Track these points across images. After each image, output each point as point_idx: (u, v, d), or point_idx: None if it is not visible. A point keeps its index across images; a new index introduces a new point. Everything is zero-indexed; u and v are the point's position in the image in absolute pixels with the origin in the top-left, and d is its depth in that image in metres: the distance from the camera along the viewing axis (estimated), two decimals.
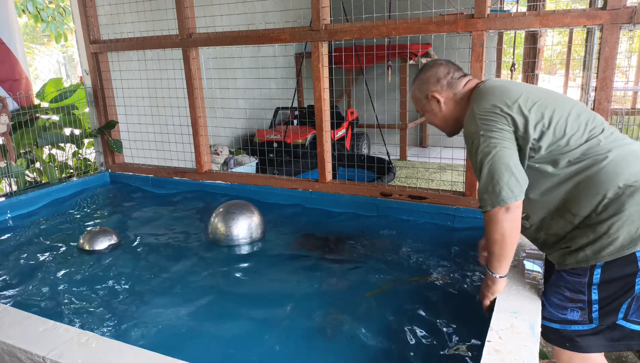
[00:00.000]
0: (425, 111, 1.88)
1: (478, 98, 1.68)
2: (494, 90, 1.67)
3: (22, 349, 1.56)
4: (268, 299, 2.22)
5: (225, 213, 2.80)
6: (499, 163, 1.53)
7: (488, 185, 1.55)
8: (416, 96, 1.87)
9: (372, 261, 2.53)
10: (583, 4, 7.75)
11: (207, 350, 1.84)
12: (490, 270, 1.67)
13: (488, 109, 1.60)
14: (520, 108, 1.57)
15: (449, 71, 1.80)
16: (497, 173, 1.53)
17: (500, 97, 1.62)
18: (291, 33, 3.07)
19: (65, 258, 2.70)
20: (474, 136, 1.61)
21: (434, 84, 1.80)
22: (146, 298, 2.24)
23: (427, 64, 1.87)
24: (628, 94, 6.26)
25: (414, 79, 1.88)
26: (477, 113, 1.62)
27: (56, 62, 14.61)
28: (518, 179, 1.53)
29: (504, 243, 1.58)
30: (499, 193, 1.53)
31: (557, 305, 1.63)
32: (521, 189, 1.54)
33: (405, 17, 2.73)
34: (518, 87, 1.66)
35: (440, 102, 1.80)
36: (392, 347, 1.82)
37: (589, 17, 2.29)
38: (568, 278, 1.60)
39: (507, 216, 1.54)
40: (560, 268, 1.64)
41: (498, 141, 1.55)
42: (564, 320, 1.62)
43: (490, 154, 1.55)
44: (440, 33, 2.64)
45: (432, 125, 1.94)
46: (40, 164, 4.06)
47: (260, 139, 5.78)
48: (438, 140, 7.06)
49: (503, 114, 1.57)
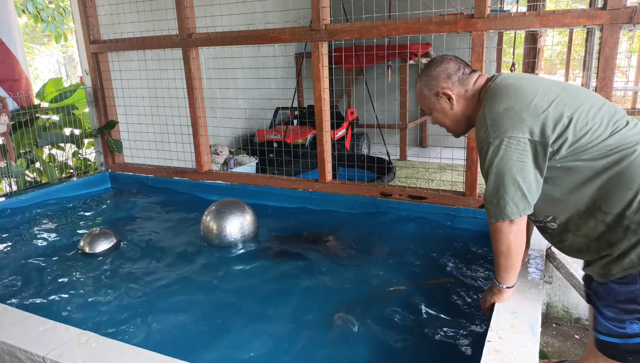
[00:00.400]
0: (433, 110, 1.75)
1: (490, 99, 1.57)
2: (507, 90, 1.56)
3: (22, 349, 1.56)
4: (267, 298, 2.22)
5: (217, 212, 2.79)
6: (506, 176, 1.47)
7: (493, 197, 1.51)
8: (424, 93, 1.74)
9: (371, 261, 2.53)
10: (583, 4, 7.75)
11: (206, 351, 1.84)
12: (498, 281, 1.65)
13: (500, 113, 1.50)
14: (536, 110, 1.47)
15: (459, 66, 1.69)
16: (502, 186, 1.48)
17: (514, 98, 1.52)
18: (291, 33, 3.07)
19: (65, 258, 2.70)
20: (483, 143, 1.53)
21: (445, 80, 1.68)
22: (145, 298, 2.24)
23: (434, 59, 1.74)
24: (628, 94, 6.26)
25: (420, 75, 1.76)
26: (488, 117, 1.53)
27: (56, 62, 14.61)
28: (525, 193, 1.47)
29: (509, 254, 1.56)
30: (504, 208, 1.48)
31: (613, 319, 1.51)
32: (527, 205, 1.48)
33: (405, 17, 2.73)
34: (533, 85, 1.55)
35: (452, 99, 1.68)
36: (391, 347, 1.82)
37: (589, 17, 2.28)
38: (618, 289, 1.48)
39: (512, 228, 1.51)
40: (606, 280, 1.50)
41: (507, 152, 1.46)
42: (624, 334, 1.49)
43: (498, 166, 1.48)
44: (440, 33, 2.64)
45: (439, 125, 1.81)
46: (40, 164, 4.06)
47: (260, 139, 5.78)
48: (438, 140, 7.09)
49: (516, 119, 1.47)
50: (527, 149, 1.46)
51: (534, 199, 1.49)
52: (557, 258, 2.35)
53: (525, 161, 1.46)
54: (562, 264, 2.33)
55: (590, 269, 1.57)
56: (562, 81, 1.70)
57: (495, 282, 1.67)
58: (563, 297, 2.60)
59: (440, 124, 1.80)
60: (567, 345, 2.42)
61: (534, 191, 1.49)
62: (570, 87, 1.58)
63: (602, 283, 1.52)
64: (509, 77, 1.62)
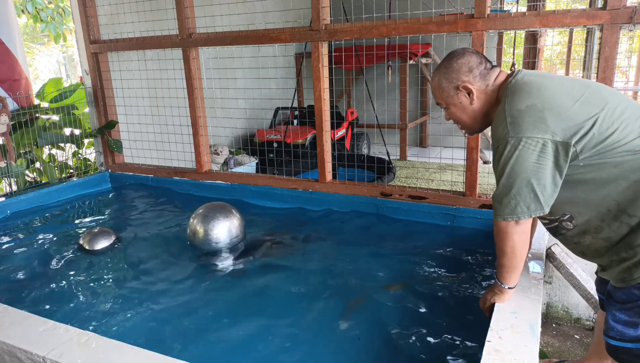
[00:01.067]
0: (450, 104, 1.67)
1: (511, 95, 1.51)
2: (529, 87, 1.50)
3: (22, 349, 1.56)
4: (266, 298, 2.22)
5: (203, 217, 2.63)
6: (520, 176, 1.43)
7: (504, 197, 1.48)
8: (442, 86, 1.65)
9: (371, 261, 2.53)
10: (583, 4, 7.75)
11: (207, 351, 1.84)
12: (500, 281, 1.64)
13: (521, 111, 1.45)
14: (559, 109, 1.42)
15: (481, 60, 1.63)
16: (515, 186, 1.44)
17: (536, 96, 1.46)
18: (291, 33, 3.07)
19: (64, 258, 2.70)
20: (501, 140, 1.48)
21: (466, 73, 1.61)
22: (145, 297, 2.24)
23: (455, 51, 1.67)
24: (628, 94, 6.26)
25: (439, 66, 1.68)
26: (508, 114, 1.47)
27: (56, 62, 14.61)
28: (538, 195, 1.43)
29: (513, 255, 1.55)
30: (514, 208, 1.46)
31: (626, 322, 1.48)
32: (539, 206, 1.45)
33: (405, 17, 2.73)
34: (556, 83, 1.50)
35: (473, 94, 1.62)
36: (391, 347, 1.82)
37: (589, 17, 2.28)
38: (638, 293, 1.44)
39: (518, 228, 1.49)
40: (626, 284, 1.46)
41: (525, 152, 1.42)
42: (636, 338, 1.46)
43: (513, 166, 1.44)
44: (440, 33, 2.64)
45: (454, 120, 1.73)
46: (40, 164, 4.06)
47: (260, 139, 5.77)
48: (438, 140, 7.09)
49: (537, 119, 1.42)
50: (547, 150, 1.41)
51: (547, 201, 1.45)
52: (557, 258, 2.35)
53: (542, 162, 1.42)
54: (562, 264, 2.33)
55: (608, 273, 1.54)
56: (586, 80, 1.63)
57: (497, 282, 1.66)
58: (563, 297, 2.60)
59: (455, 120, 1.72)
60: (567, 345, 2.42)
61: (548, 193, 1.44)
62: (594, 85, 1.54)
63: (621, 287, 1.49)
64: (530, 74, 1.57)
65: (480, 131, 1.75)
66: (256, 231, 2.99)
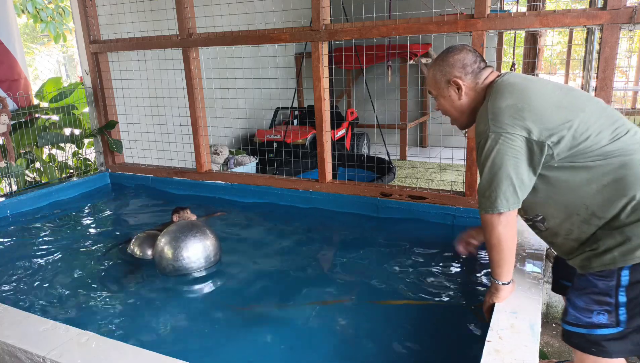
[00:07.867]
0: (440, 96, 1.76)
1: (494, 94, 1.60)
2: (512, 88, 1.58)
3: (22, 349, 1.56)
4: (267, 298, 2.22)
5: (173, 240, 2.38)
6: (500, 170, 1.50)
7: (486, 190, 1.55)
8: (435, 77, 1.73)
9: (370, 261, 2.53)
10: (583, 4, 7.75)
11: (206, 351, 1.84)
12: (493, 278, 1.67)
13: (502, 109, 1.53)
14: (538, 111, 1.50)
15: (475, 59, 1.70)
16: (496, 180, 1.51)
17: (517, 97, 1.54)
18: (291, 33, 3.07)
19: (64, 258, 2.70)
20: (482, 135, 1.55)
21: (459, 69, 1.69)
22: (144, 297, 2.24)
23: (454, 46, 1.74)
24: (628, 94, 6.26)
25: (436, 59, 1.75)
26: (490, 111, 1.55)
27: (56, 62, 14.61)
28: (516, 189, 1.51)
29: (500, 247, 1.59)
30: (495, 201, 1.52)
31: (582, 309, 1.55)
32: (516, 200, 1.52)
33: (405, 17, 2.73)
34: (538, 87, 1.58)
35: (462, 90, 1.69)
36: (392, 347, 1.82)
37: (589, 17, 2.29)
38: (595, 282, 1.52)
39: (502, 219, 1.54)
40: (585, 271, 1.55)
41: (504, 147, 1.49)
42: (590, 324, 1.54)
43: (494, 160, 1.51)
44: (440, 33, 2.64)
45: (442, 112, 1.81)
46: (40, 164, 4.06)
47: (260, 139, 5.77)
48: (438, 140, 7.08)
49: (517, 117, 1.50)
50: (523, 147, 1.49)
51: (523, 196, 1.54)
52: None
53: (519, 158, 1.50)
54: None
55: (572, 261, 1.63)
56: (568, 86, 1.71)
57: (492, 280, 1.68)
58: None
59: (443, 112, 1.80)
60: (567, 346, 2.41)
61: (525, 188, 1.53)
62: (574, 92, 1.61)
63: (581, 274, 1.57)
64: (516, 77, 1.65)
65: (469, 125, 1.81)
66: (256, 231, 2.99)
